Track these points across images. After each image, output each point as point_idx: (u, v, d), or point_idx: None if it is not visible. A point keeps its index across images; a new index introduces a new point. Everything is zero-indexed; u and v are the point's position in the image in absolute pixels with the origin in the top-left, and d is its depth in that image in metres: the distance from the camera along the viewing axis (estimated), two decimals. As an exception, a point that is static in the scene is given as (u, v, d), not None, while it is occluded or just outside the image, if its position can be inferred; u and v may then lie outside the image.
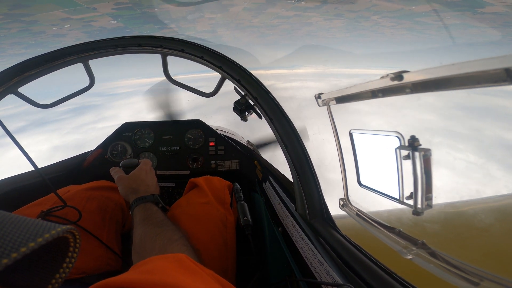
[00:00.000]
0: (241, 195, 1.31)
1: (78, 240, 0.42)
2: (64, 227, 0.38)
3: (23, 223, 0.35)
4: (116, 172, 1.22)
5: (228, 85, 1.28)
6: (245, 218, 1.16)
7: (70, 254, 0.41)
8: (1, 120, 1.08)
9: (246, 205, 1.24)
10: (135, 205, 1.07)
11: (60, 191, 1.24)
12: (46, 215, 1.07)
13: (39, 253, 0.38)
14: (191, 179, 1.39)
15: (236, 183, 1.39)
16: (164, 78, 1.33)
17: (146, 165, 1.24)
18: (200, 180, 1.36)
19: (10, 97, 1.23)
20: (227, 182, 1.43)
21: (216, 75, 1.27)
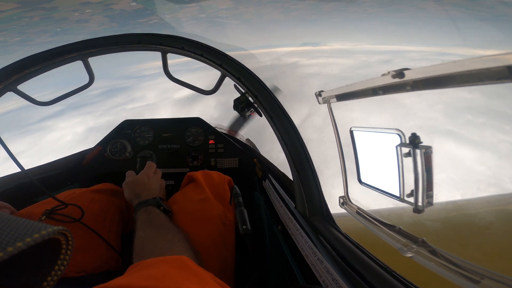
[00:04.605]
0: (241, 199, 1.24)
1: (70, 242, 0.41)
2: (55, 228, 0.37)
3: (13, 223, 0.35)
4: (127, 176, 1.25)
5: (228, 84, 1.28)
6: (244, 227, 1.09)
7: (62, 256, 0.41)
8: None
9: (245, 211, 1.17)
10: (137, 209, 1.08)
11: (65, 193, 1.25)
12: (50, 213, 1.08)
13: (31, 254, 0.37)
14: (188, 173, 1.35)
15: (236, 186, 1.32)
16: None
17: (149, 169, 1.27)
18: (198, 174, 1.32)
19: (46, 83, 1.25)
20: (227, 177, 1.38)
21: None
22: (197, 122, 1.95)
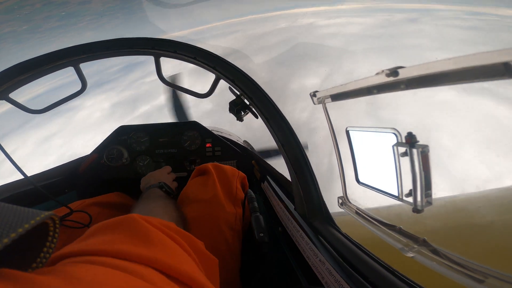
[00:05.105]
0: (256, 204, 1.16)
1: (57, 224, 0.42)
2: (46, 213, 0.39)
3: (5, 212, 0.36)
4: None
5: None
6: (261, 234, 1.00)
7: (50, 238, 0.42)
8: None
9: (261, 217, 1.09)
10: (144, 193, 1.17)
11: (76, 203, 1.26)
12: (61, 220, 1.09)
13: (19, 241, 0.37)
14: (197, 167, 1.30)
15: (250, 190, 1.25)
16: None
17: (165, 169, 1.49)
18: (209, 166, 1.25)
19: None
20: (241, 174, 1.31)
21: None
22: (193, 126, 1.94)
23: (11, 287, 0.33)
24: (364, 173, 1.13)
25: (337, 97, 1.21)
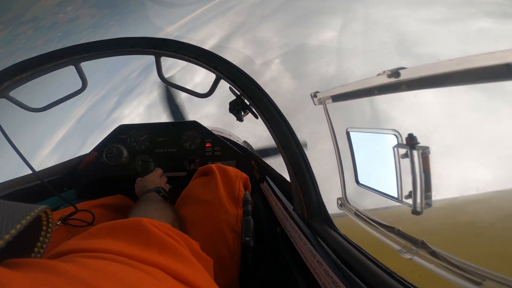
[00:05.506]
0: (249, 208, 1.17)
1: (50, 218, 0.42)
2: (39, 207, 0.39)
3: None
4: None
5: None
6: (247, 238, 1.01)
7: (43, 233, 0.42)
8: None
9: (252, 221, 1.10)
10: (142, 196, 1.18)
11: (80, 204, 1.26)
12: (65, 220, 1.11)
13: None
14: (200, 168, 1.31)
15: (247, 193, 1.26)
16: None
17: (157, 171, 1.52)
18: (213, 167, 1.25)
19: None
20: (244, 176, 1.31)
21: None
22: (193, 125, 1.94)
23: (30, 274, 0.33)
24: (364, 174, 1.13)
25: (338, 98, 1.21)
